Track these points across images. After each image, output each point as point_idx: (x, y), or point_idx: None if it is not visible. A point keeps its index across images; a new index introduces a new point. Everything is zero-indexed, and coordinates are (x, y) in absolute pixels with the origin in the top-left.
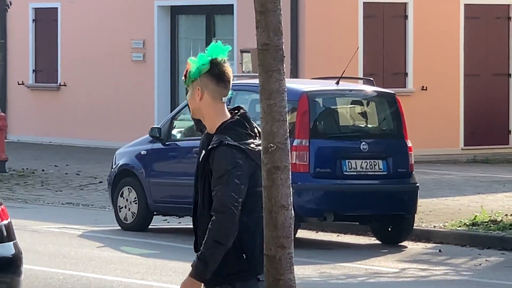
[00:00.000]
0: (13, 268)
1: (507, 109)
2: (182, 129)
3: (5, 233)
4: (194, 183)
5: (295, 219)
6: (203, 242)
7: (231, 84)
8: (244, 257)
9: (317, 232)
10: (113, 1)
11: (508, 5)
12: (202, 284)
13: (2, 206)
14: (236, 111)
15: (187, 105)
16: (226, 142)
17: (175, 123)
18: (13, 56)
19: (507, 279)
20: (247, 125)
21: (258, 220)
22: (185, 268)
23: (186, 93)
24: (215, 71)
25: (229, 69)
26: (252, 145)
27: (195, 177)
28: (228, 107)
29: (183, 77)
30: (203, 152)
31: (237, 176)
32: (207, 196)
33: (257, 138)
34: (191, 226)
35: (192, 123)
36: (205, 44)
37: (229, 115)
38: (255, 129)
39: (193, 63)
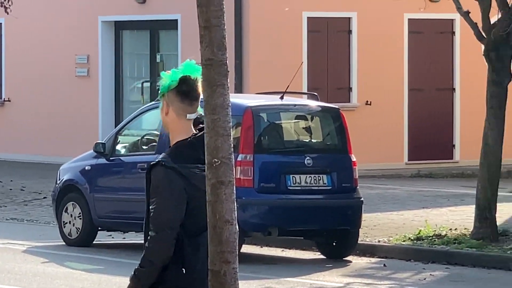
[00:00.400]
0: None
1: (451, 124)
2: (127, 144)
3: None
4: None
5: (239, 234)
6: (141, 257)
7: (198, 103)
8: (184, 271)
9: (261, 247)
10: (57, 16)
11: (452, 19)
12: None
13: None
14: (198, 131)
15: (130, 120)
16: (163, 162)
17: (119, 138)
18: None
19: None
20: (199, 148)
21: (198, 238)
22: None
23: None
24: (182, 88)
25: (198, 88)
26: (194, 169)
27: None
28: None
29: None
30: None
31: (171, 197)
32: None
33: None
34: (136, 242)
35: (136, 138)
36: (149, 59)
37: (190, 134)
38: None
39: (164, 77)
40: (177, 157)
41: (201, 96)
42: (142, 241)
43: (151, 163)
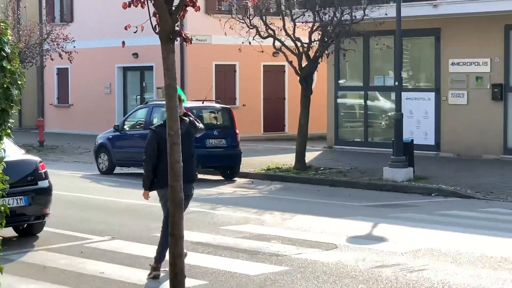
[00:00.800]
0: (48, 192)
1: (284, 113)
2: (128, 125)
3: (43, 176)
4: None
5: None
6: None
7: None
8: (155, 180)
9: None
10: (95, 63)
11: (284, 65)
12: (148, 191)
13: (42, 163)
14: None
15: (130, 114)
16: (152, 127)
17: (125, 122)
18: None
19: (286, 194)
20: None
21: (162, 164)
22: (136, 189)
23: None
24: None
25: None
26: (159, 129)
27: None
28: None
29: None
30: None
31: (148, 142)
32: None
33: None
34: (133, 172)
35: (133, 122)
36: (140, 85)
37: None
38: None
39: (181, 93)
40: (159, 126)
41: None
42: (138, 172)
43: (150, 127)
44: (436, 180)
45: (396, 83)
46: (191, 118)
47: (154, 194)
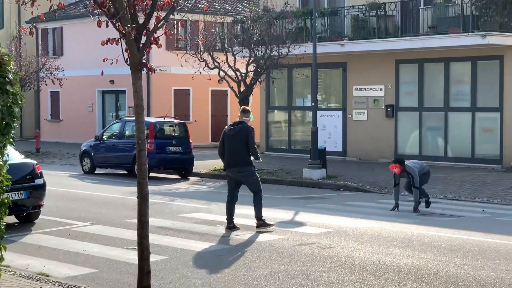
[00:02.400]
0: (42, 188)
1: (226, 124)
2: (106, 136)
3: (39, 175)
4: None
5: (149, 168)
6: None
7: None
8: (224, 164)
9: (158, 173)
10: (80, 87)
11: (227, 90)
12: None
13: (38, 165)
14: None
15: (108, 127)
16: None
17: (104, 133)
18: None
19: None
20: (234, 123)
21: (229, 152)
22: (112, 185)
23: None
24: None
25: (239, 117)
26: (226, 128)
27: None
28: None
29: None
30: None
31: (221, 138)
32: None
33: (233, 125)
34: (111, 172)
35: (109, 134)
36: (115, 105)
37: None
38: (238, 125)
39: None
40: (230, 126)
41: (243, 115)
42: (113, 172)
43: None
44: (343, 178)
45: (313, 104)
46: (246, 127)
47: (124, 189)
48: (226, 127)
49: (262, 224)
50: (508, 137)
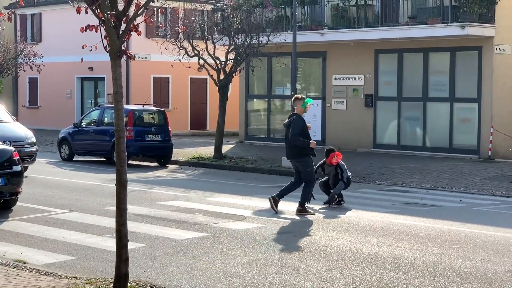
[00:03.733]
0: (20, 174)
1: (206, 115)
2: (85, 123)
3: (17, 162)
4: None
5: (128, 156)
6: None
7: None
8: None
9: (137, 161)
10: (60, 73)
11: (206, 78)
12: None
13: (15, 151)
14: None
15: (86, 114)
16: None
17: (83, 121)
18: None
19: (207, 178)
20: (289, 117)
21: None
22: (91, 172)
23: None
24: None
25: (293, 104)
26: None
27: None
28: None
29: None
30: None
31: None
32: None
33: (289, 118)
34: (89, 159)
35: (88, 121)
36: (94, 92)
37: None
38: (289, 118)
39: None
40: (290, 117)
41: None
42: (91, 159)
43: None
44: None
45: (292, 93)
46: (293, 121)
47: (102, 176)
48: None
49: (301, 210)
50: (485, 128)
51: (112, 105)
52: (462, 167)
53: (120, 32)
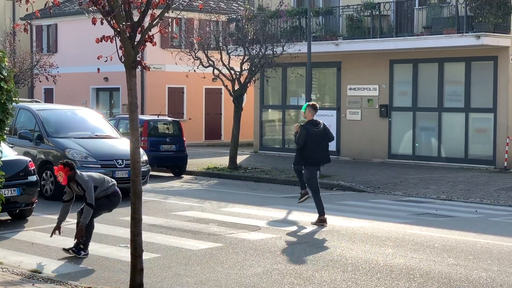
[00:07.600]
0: (35, 184)
1: (220, 126)
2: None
3: (32, 172)
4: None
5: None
6: None
7: (306, 112)
8: (303, 161)
9: (154, 171)
10: (76, 83)
11: (221, 88)
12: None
13: (31, 162)
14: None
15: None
16: (303, 124)
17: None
18: None
19: (221, 188)
20: (315, 123)
21: (307, 150)
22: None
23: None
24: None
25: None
26: (312, 128)
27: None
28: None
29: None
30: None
31: (301, 134)
32: None
33: (318, 125)
34: None
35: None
36: (109, 103)
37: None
38: (320, 125)
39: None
40: (307, 124)
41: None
42: None
43: (301, 124)
44: (336, 177)
45: (307, 103)
46: (325, 124)
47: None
48: (307, 126)
49: (320, 221)
50: (501, 138)
51: (127, 116)
52: (478, 177)
53: (135, 43)
